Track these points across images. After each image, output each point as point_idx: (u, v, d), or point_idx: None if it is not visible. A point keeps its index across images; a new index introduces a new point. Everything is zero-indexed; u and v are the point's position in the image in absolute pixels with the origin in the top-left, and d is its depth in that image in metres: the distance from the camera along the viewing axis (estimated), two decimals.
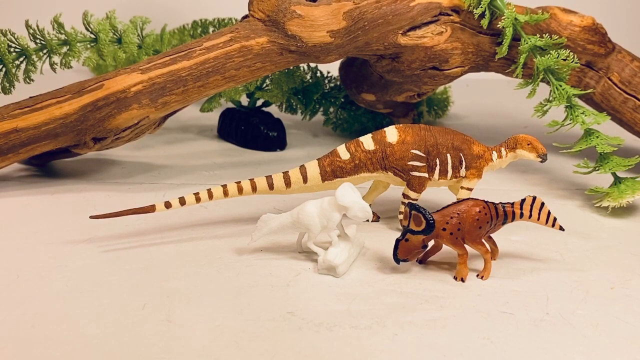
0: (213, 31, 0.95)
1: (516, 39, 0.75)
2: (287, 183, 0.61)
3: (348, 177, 0.61)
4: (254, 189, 0.60)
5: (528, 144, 0.63)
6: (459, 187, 0.64)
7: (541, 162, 0.63)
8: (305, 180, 0.61)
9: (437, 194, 0.70)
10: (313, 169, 0.61)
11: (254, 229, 0.58)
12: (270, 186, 0.61)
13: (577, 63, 0.74)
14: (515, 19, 0.74)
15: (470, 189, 0.64)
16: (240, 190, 0.60)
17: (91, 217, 0.59)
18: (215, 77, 0.71)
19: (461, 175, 0.63)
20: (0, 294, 0.52)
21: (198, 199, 0.59)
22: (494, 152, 0.64)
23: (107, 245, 0.60)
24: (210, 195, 0.59)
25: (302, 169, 0.61)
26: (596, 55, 0.79)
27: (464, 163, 0.63)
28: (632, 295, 0.54)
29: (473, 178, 0.63)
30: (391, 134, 0.62)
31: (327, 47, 0.72)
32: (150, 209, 0.58)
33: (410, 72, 0.77)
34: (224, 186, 0.60)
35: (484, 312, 0.51)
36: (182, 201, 0.59)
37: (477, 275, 0.56)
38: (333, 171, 0.61)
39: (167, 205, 0.58)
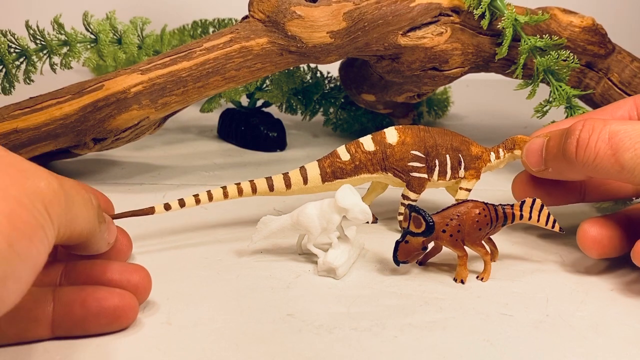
0: (213, 31, 0.95)
1: (516, 39, 0.75)
2: (287, 184, 0.61)
3: (348, 178, 0.61)
4: (254, 190, 0.60)
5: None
6: (456, 188, 0.64)
7: None
8: (305, 181, 0.61)
9: (436, 195, 0.70)
10: (313, 170, 0.61)
11: (254, 231, 0.58)
12: (271, 187, 0.61)
13: (577, 64, 0.74)
14: (515, 19, 0.74)
15: (468, 190, 0.64)
16: (240, 192, 0.60)
17: None
18: (215, 77, 0.71)
19: (460, 176, 0.63)
20: None
21: (198, 201, 0.59)
22: (492, 152, 0.64)
23: None
24: (210, 197, 0.59)
25: (302, 170, 0.61)
26: (596, 55, 0.79)
27: (462, 164, 0.63)
28: (632, 297, 0.54)
29: (472, 179, 0.63)
30: (391, 135, 0.62)
31: (327, 47, 0.72)
32: (150, 210, 0.58)
33: (410, 72, 0.77)
34: (224, 188, 0.60)
35: (483, 314, 0.51)
36: (182, 203, 0.58)
37: (477, 277, 0.56)
38: (333, 172, 0.61)
39: (167, 207, 0.58)
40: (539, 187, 0.63)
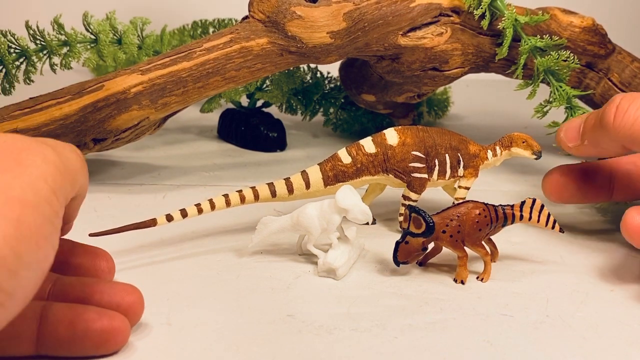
0: (213, 32, 0.95)
1: (516, 39, 0.75)
2: (290, 189, 0.61)
3: (350, 181, 0.61)
4: (256, 197, 0.60)
5: (523, 142, 0.64)
6: (453, 186, 0.65)
7: (536, 159, 0.64)
8: (307, 186, 0.61)
9: (436, 195, 0.70)
10: (315, 174, 0.61)
11: (254, 232, 0.58)
12: (273, 193, 0.60)
13: (577, 64, 0.74)
14: (516, 19, 0.74)
15: (467, 188, 0.64)
16: (242, 199, 0.60)
17: (90, 234, 0.57)
18: (215, 78, 0.71)
19: (459, 175, 0.63)
20: None
21: (200, 210, 0.58)
22: (489, 150, 0.64)
23: (107, 247, 0.60)
24: (213, 206, 0.58)
25: (304, 175, 0.61)
26: (596, 56, 0.79)
27: (461, 163, 0.63)
28: (632, 298, 0.54)
29: (470, 177, 0.64)
30: (391, 136, 0.62)
31: (327, 48, 0.72)
32: (152, 223, 0.57)
33: (410, 73, 0.77)
34: (226, 196, 0.59)
35: (483, 315, 0.51)
36: (184, 213, 0.57)
37: (477, 278, 0.56)
38: (335, 176, 0.61)
39: (169, 218, 0.57)
40: (569, 184, 0.64)
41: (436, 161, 0.62)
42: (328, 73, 0.96)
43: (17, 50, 0.77)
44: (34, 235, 0.36)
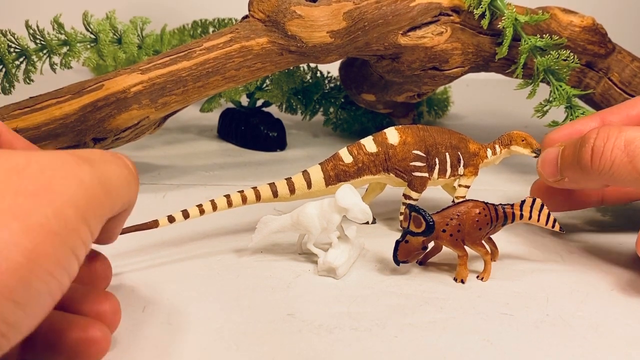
0: (213, 31, 0.95)
1: (516, 39, 0.75)
2: (292, 189, 0.61)
3: (351, 181, 0.61)
4: (258, 197, 0.60)
5: (522, 140, 0.64)
6: (452, 185, 0.65)
7: (535, 157, 0.64)
8: (309, 185, 0.61)
9: (437, 194, 0.70)
10: (316, 174, 0.61)
11: (254, 231, 0.58)
12: (275, 194, 0.60)
13: (577, 63, 0.74)
14: (516, 19, 0.74)
15: (467, 186, 0.64)
16: (244, 200, 0.59)
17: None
18: (215, 77, 0.71)
19: (459, 173, 0.63)
20: None
21: (202, 211, 0.58)
22: (489, 149, 0.64)
23: (108, 248, 0.60)
24: (214, 207, 0.58)
25: (306, 175, 0.61)
26: (596, 55, 0.79)
27: (462, 161, 0.63)
28: (632, 297, 0.54)
29: (471, 176, 0.64)
30: (392, 135, 0.62)
31: (327, 47, 0.72)
32: (153, 224, 0.57)
33: (410, 72, 0.77)
34: (227, 196, 0.59)
35: (483, 314, 0.51)
36: (186, 214, 0.57)
37: (477, 277, 0.56)
38: (337, 175, 0.61)
39: (170, 219, 0.57)
40: (558, 193, 0.63)
41: (436, 160, 0.62)
42: (328, 73, 0.96)
43: (17, 50, 0.77)
44: (51, 265, 0.34)
